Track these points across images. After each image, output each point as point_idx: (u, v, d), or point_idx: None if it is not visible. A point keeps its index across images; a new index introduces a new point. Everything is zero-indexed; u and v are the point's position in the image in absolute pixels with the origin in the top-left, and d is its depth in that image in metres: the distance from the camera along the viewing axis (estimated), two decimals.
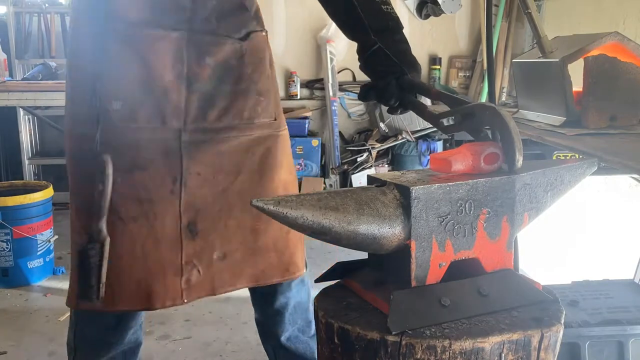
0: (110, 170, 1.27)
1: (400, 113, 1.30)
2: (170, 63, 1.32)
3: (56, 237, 3.41)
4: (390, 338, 0.84)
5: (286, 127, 1.54)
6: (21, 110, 4.53)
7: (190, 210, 1.37)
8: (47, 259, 3.31)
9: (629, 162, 1.33)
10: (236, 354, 2.49)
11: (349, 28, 1.37)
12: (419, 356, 0.83)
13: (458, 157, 0.95)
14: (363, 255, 1.01)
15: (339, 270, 1.03)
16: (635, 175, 2.10)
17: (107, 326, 1.46)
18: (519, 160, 0.94)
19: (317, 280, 1.04)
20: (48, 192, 3.28)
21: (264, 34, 1.45)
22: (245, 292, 1.62)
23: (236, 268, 1.45)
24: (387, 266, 0.95)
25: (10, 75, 4.63)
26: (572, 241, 2.43)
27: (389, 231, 0.87)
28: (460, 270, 0.92)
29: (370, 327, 0.87)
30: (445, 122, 1.10)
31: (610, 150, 1.45)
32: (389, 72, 1.26)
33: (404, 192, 0.89)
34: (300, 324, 1.69)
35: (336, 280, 1.04)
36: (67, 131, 1.39)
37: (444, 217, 0.90)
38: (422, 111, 1.18)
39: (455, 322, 0.87)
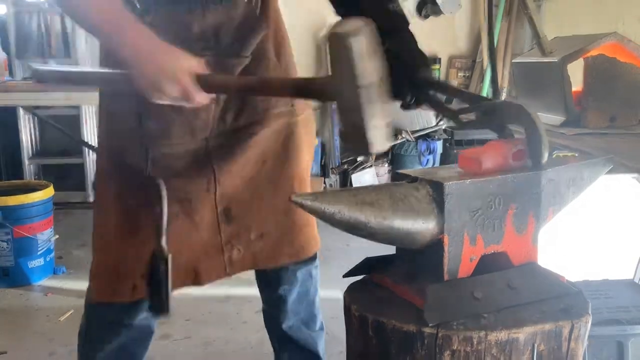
0: (165, 193, 1.37)
1: (414, 109, 1.29)
2: None
3: (56, 236, 3.41)
4: (427, 330, 0.86)
5: (309, 108, 1.60)
6: (21, 110, 4.53)
7: (224, 200, 1.48)
8: (48, 259, 3.31)
9: (629, 162, 1.33)
10: (236, 354, 2.49)
11: None
12: (455, 347, 0.86)
13: (488, 155, 0.97)
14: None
15: (367, 266, 1.05)
16: (635, 175, 2.10)
17: (122, 307, 1.51)
18: (545, 156, 0.96)
19: (345, 276, 1.06)
20: (48, 192, 3.28)
21: (269, 31, 1.46)
22: (245, 292, 1.64)
23: (274, 246, 1.55)
24: (418, 260, 0.97)
25: (10, 75, 4.63)
26: (572, 241, 2.44)
27: (423, 226, 0.89)
28: (486, 264, 0.94)
29: (406, 319, 0.89)
30: (464, 118, 1.10)
31: (610, 150, 1.46)
32: (401, 71, 1.26)
33: (437, 188, 0.91)
34: (303, 316, 1.73)
35: (362, 276, 1.06)
36: (107, 145, 1.46)
37: (475, 212, 0.92)
38: (439, 107, 1.17)
39: (488, 314, 0.89)
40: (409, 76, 1.22)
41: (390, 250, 1.02)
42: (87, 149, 4.63)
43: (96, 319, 1.59)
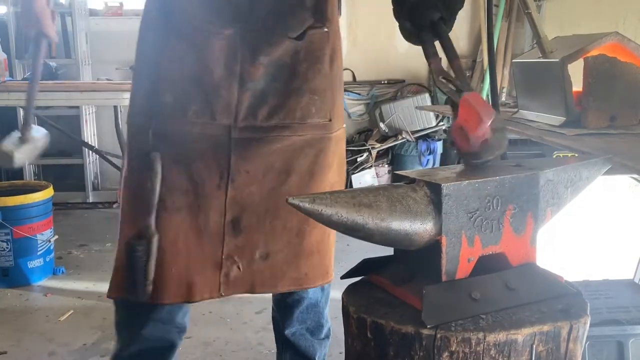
0: (159, 168, 1.30)
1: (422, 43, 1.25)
2: (223, 60, 1.33)
3: (56, 237, 3.41)
4: (425, 331, 0.86)
5: (343, 126, 1.52)
6: (21, 110, 4.52)
7: (235, 207, 1.38)
8: (47, 259, 3.31)
9: (629, 162, 1.33)
10: (236, 354, 2.49)
11: None
12: (453, 348, 0.86)
13: (481, 106, 0.96)
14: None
15: (365, 267, 1.05)
16: (635, 175, 2.10)
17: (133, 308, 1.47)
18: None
19: (342, 277, 1.06)
20: (48, 192, 3.28)
21: (325, 30, 1.41)
22: None
23: (278, 269, 1.44)
24: (416, 262, 0.97)
25: (10, 75, 4.63)
26: (572, 241, 2.43)
27: (421, 227, 0.89)
28: (485, 265, 0.94)
29: (404, 321, 0.89)
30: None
31: (610, 150, 1.45)
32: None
33: (434, 189, 0.91)
34: (309, 324, 1.70)
35: (360, 277, 1.06)
36: (128, 123, 1.42)
37: (472, 213, 0.92)
38: (447, 50, 1.16)
39: (486, 315, 0.89)
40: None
41: (388, 251, 1.02)
42: (87, 149, 4.63)
43: (123, 323, 1.53)
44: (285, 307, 1.67)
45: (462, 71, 1.13)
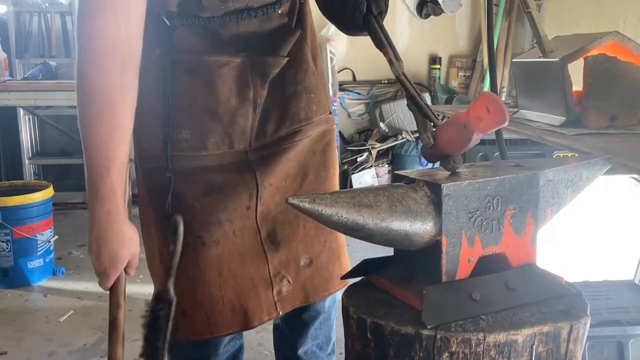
0: (181, 230, 1.26)
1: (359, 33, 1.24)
2: (235, 88, 1.31)
3: (56, 237, 3.40)
4: (425, 332, 0.86)
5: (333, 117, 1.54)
6: (21, 110, 4.53)
7: (267, 221, 1.36)
8: (47, 259, 3.31)
9: (629, 162, 1.33)
10: None
11: None
12: (453, 349, 0.86)
13: (490, 101, 0.92)
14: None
15: (365, 267, 1.05)
16: (635, 175, 2.09)
17: (203, 346, 1.47)
18: None
19: (342, 277, 1.06)
20: (48, 192, 3.28)
21: (301, 32, 1.41)
22: None
23: (325, 272, 1.43)
24: (416, 262, 0.97)
25: (10, 75, 4.63)
26: (572, 242, 2.43)
27: (421, 227, 0.89)
28: (485, 265, 0.94)
29: (404, 322, 0.89)
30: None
31: (610, 150, 1.45)
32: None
33: (434, 189, 0.91)
34: (320, 340, 1.66)
35: (360, 278, 1.06)
36: (140, 168, 1.39)
37: (473, 213, 0.92)
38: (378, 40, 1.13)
39: (486, 315, 0.89)
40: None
41: (388, 251, 1.02)
42: None
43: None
44: (300, 325, 1.62)
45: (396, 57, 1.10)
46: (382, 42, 1.09)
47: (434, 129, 1.00)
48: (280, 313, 1.39)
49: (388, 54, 1.08)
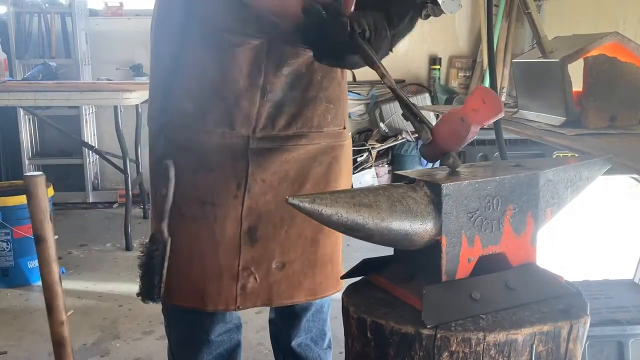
0: (172, 174, 1.30)
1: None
2: (246, 71, 1.31)
3: (56, 237, 3.39)
4: (425, 331, 0.86)
5: (349, 135, 1.52)
6: (21, 110, 4.53)
7: (251, 216, 1.37)
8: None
9: (629, 162, 1.33)
10: None
11: None
12: (453, 348, 0.86)
13: (486, 95, 0.94)
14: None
15: (365, 267, 1.05)
16: (635, 175, 2.10)
17: (192, 323, 1.49)
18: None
19: (342, 277, 1.06)
20: (48, 192, 3.27)
21: None
22: None
23: (294, 279, 1.43)
24: (416, 262, 0.97)
25: (10, 75, 4.63)
26: (572, 241, 2.43)
27: (421, 227, 0.89)
28: (485, 265, 0.94)
29: (404, 321, 0.89)
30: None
31: (610, 150, 1.45)
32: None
33: (434, 189, 0.91)
34: (314, 333, 1.67)
35: (360, 277, 1.06)
36: (148, 126, 1.42)
37: (472, 213, 0.92)
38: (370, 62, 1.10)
39: (486, 315, 0.89)
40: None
41: (388, 251, 1.02)
42: (87, 149, 4.64)
43: (176, 340, 1.55)
44: (292, 316, 1.63)
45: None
46: (372, 59, 1.09)
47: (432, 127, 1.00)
48: (240, 308, 1.40)
49: (379, 69, 1.08)
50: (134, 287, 1.42)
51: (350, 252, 1.52)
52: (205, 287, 1.37)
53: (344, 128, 1.47)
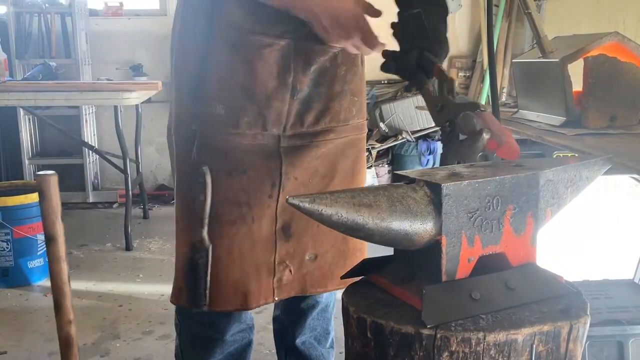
0: (209, 180, 1.30)
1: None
2: (275, 71, 1.32)
3: None
4: (425, 331, 0.86)
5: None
6: (21, 110, 4.53)
7: (285, 213, 1.39)
8: (48, 259, 3.31)
9: (628, 162, 1.33)
10: None
11: None
12: (453, 348, 0.86)
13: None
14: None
15: (365, 267, 1.05)
16: (635, 175, 2.10)
17: (210, 324, 1.49)
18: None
19: (342, 277, 1.06)
20: None
21: None
22: None
23: (326, 269, 1.47)
24: (416, 262, 0.97)
25: (10, 75, 4.63)
26: (572, 241, 2.44)
27: (421, 227, 0.89)
28: (485, 265, 0.94)
29: (404, 321, 0.89)
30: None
31: (610, 150, 1.45)
32: (416, 43, 1.22)
33: (434, 189, 0.91)
34: (318, 332, 1.68)
35: (360, 277, 1.06)
36: (174, 134, 1.41)
37: (472, 213, 0.92)
38: (424, 94, 1.18)
39: (486, 315, 0.89)
40: (419, 52, 1.20)
41: (388, 251, 1.02)
42: (87, 149, 4.64)
43: (187, 340, 1.55)
44: (298, 314, 1.64)
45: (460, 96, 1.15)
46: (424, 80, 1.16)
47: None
48: (277, 299, 1.43)
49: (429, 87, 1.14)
50: (134, 287, 1.42)
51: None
52: (246, 288, 1.39)
53: (367, 119, 1.51)
